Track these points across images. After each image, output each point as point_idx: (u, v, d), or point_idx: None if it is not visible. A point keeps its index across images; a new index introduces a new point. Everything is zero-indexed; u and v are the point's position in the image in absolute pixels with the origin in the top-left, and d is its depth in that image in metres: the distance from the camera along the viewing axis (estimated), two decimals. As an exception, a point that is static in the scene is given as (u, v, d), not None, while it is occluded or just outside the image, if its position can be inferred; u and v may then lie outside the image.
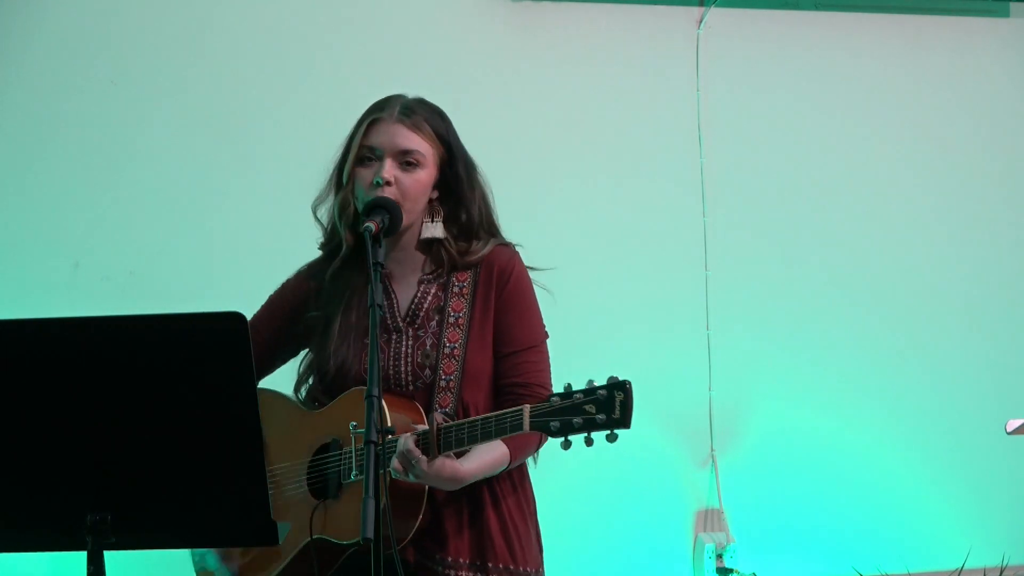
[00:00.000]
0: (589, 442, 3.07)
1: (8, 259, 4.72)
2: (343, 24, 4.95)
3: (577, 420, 3.12)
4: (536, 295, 3.52)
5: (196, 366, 2.85)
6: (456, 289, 3.53)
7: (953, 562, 4.76)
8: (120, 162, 4.79)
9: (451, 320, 3.54)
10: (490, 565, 3.45)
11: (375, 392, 2.92)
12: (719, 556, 4.91)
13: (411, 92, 3.56)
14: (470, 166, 3.51)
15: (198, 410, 2.88)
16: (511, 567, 3.48)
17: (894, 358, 5.20)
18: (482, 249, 3.50)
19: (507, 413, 3.16)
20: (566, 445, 3.11)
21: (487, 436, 3.26)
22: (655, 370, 4.80)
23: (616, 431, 3.05)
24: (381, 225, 3.22)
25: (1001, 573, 4.39)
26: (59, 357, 2.93)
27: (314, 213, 3.60)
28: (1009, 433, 3.75)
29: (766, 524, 5.05)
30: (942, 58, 5.30)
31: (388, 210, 3.28)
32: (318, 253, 3.62)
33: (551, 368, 3.51)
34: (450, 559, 3.30)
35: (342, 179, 3.51)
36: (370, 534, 2.75)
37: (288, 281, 3.65)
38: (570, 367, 3.65)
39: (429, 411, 3.31)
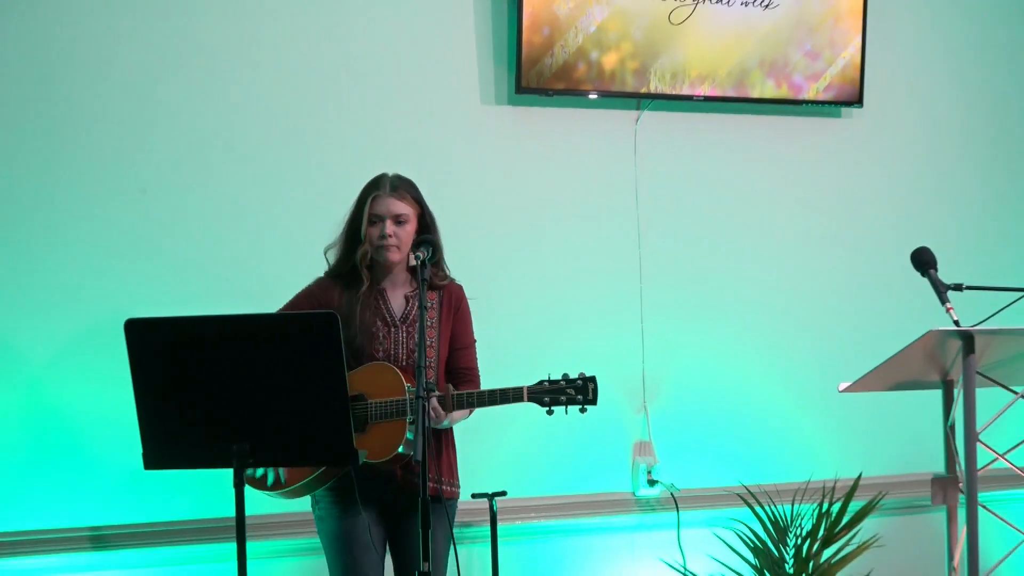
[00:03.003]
0: (551, 412, 3.89)
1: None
2: (364, 104, 5.00)
3: (562, 398, 3.88)
4: (470, 317, 4.17)
5: (306, 346, 3.40)
6: (429, 304, 4.00)
7: (822, 475, 4.85)
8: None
9: (429, 324, 4.00)
10: (443, 477, 4.05)
11: (423, 364, 3.59)
12: (649, 472, 5.22)
13: (413, 167, 4.17)
14: (433, 217, 4.08)
15: (306, 376, 3.40)
16: (448, 478, 4.08)
17: (773, 328, 5.48)
18: (444, 281, 4.09)
19: (510, 389, 3.88)
20: (550, 413, 3.90)
21: (493, 403, 3.92)
22: (608, 350, 5.23)
23: (587, 408, 3.90)
24: (428, 256, 3.82)
25: (856, 483, 4.39)
26: (215, 342, 3.46)
27: (324, 254, 4.13)
28: (841, 391, 4.11)
29: (681, 451, 5.31)
30: (796, 144, 5.57)
31: (432, 245, 3.91)
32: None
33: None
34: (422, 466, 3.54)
35: (358, 235, 4.03)
36: (419, 457, 3.44)
37: (319, 280, 4.14)
38: (551, 353, 4.71)
39: (417, 380, 3.61)
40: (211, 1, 4.85)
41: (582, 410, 3.90)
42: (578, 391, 3.88)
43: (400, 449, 3.87)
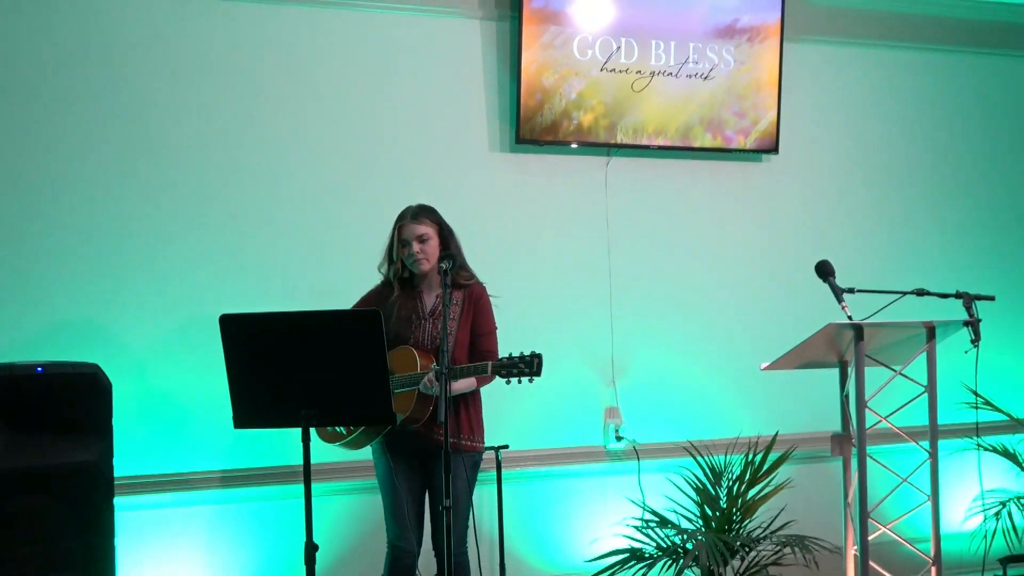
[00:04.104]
0: (508, 382, 3.82)
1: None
2: (402, 150, 4.93)
3: (515, 371, 3.80)
4: (492, 308, 4.10)
5: (357, 335, 3.44)
6: (453, 301, 3.96)
7: (748, 432, 4.79)
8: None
9: (452, 317, 3.96)
10: (461, 434, 4.00)
11: (446, 348, 3.65)
12: (616, 431, 5.19)
13: (437, 198, 4.17)
14: (452, 232, 4.05)
15: (356, 357, 3.45)
16: (467, 435, 4.03)
17: (712, 322, 5.41)
18: (468, 282, 4.04)
19: (480, 364, 3.86)
20: (508, 382, 3.83)
21: (468, 375, 3.88)
22: (585, 339, 5.22)
23: (535, 378, 3.82)
24: (450, 266, 3.83)
25: (774, 439, 4.32)
26: (288, 332, 3.49)
27: (379, 270, 4.14)
28: (762, 369, 4.12)
29: (641, 414, 5.26)
30: (728, 182, 5.50)
31: (452, 258, 3.91)
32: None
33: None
34: (442, 431, 3.62)
35: (392, 256, 4.05)
36: (442, 418, 3.52)
37: (379, 286, 4.15)
38: (542, 339, 4.38)
39: (439, 360, 3.67)
40: (291, 77, 4.84)
41: (530, 380, 3.83)
42: (527, 366, 3.81)
43: (409, 412, 3.87)
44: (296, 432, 3.52)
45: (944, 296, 4.22)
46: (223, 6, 4.68)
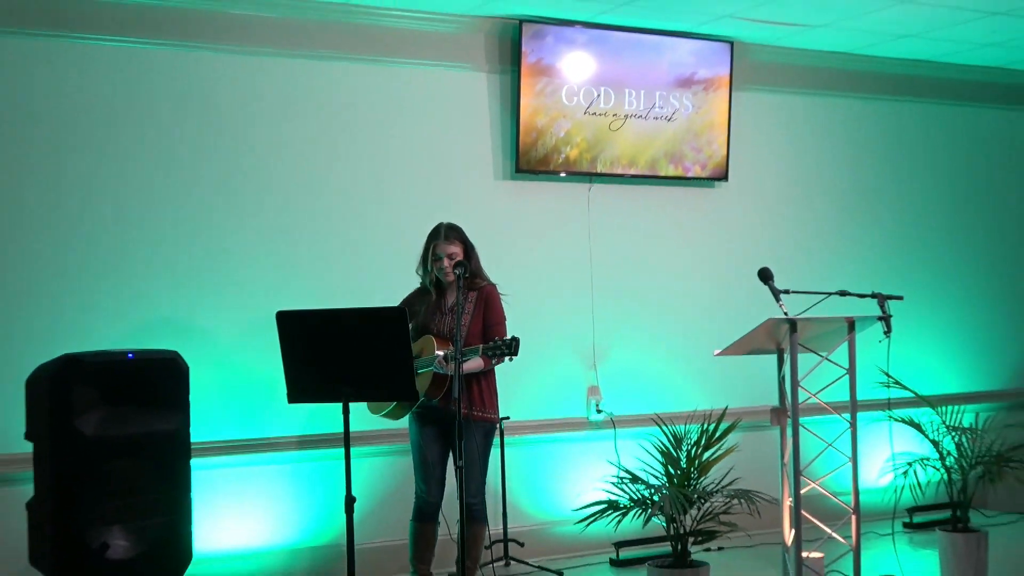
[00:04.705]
0: (498, 361, 3.87)
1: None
2: (425, 178, 4.92)
3: (499, 352, 3.74)
4: (502, 303, 4.09)
5: (386, 327, 3.44)
6: (468, 300, 3.97)
7: (704, 406, 4.46)
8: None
9: (466, 312, 3.97)
10: (474, 407, 3.97)
11: (459, 336, 3.69)
12: (597, 405, 5.19)
13: (453, 216, 4.18)
14: (473, 247, 4.06)
15: (387, 345, 3.43)
16: (479, 408, 4.00)
17: (675, 318, 5.39)
18: (482, 284, 4.03)
19: (476, 347, 3.80)
20: (499, 361, 3.87)
21: (467, 357, 3.77)
22: (571, 332, 5.19)
23: (513, 358, 3.78)
24: (463, 272, 3.84)
25: (724, 412, 4.03)
26: (333, 324, 3.50)
27: (416, 272, 4.13)
28: (715, 355, 4.10)
29: (617, 392, 5.26)
30: (687, 204, 5.49)
31: (468, 267, 3.93)
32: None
33: (522, 322, 4.16)
34: (457, 400, 3.59)
35: (428, 266, 4.04)
36: (456, 395, 3.54)
37: (418, 289, 4.15)
38: (538, 333, 4.58)
39: (455, 345, 3.68)
40: (339, 120, 4.82)
41: (510, 359, 3.81)
42: (507, 347, 3.78)
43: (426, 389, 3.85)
44: (337, 406, 3.53)
45: (862, 296, 4.21)
46: (289, 63, 4.68)
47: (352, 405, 3.58)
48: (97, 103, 4.32)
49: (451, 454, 4.06)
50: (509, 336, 3.78)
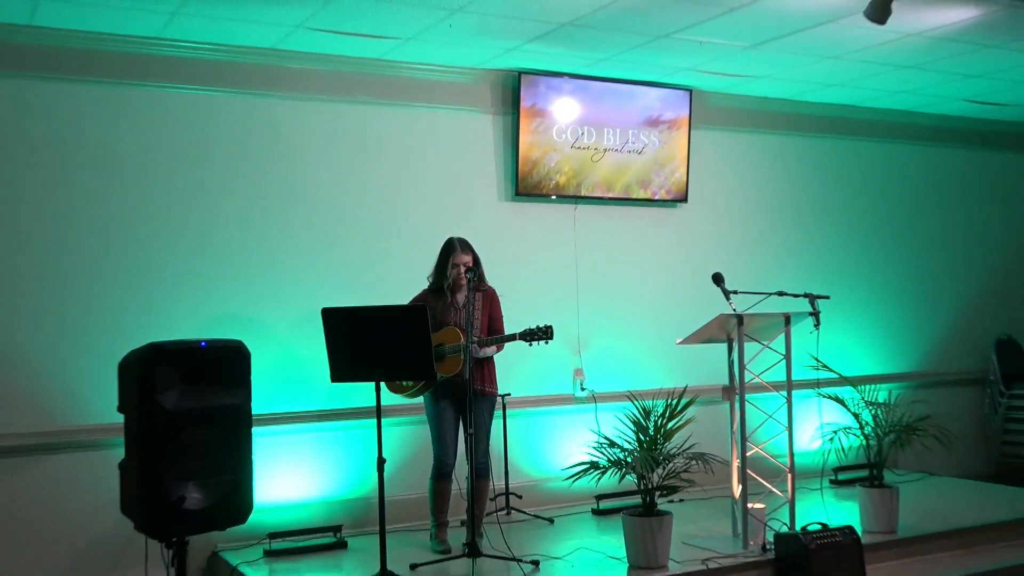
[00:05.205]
0: (531, 345, 3.80)
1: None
2: (440, 199, 4.83)
3: (536, 335, 3.79)
4: (501, 304, 4.06)
5: (411, 322, 3.45)
6: (475, 299, 3.92)
7: (669, 385, 4.30)
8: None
9: (475, 308, 3.94)
10: (485, 383, 3.96)
11: (471, 329, 3.78)
12: (581, 384, 5.13)
13: (464, 231, 4.17)
14: (478, 257, 4.02)
15: (411, 336, 3.37)
16: (489, 384, 4.00)
17: (647, 314, 5.31)
18: (485, 287, 3.99)
19: (513, 334, 3.81)
20: (530, 344, 3.83)
21: (504, 341, 3.87)
22: (561, 325, 4.55)
23: (550, 342, 3.84)
24: (473, 276, 3.86)
25: (684, 390, 3.86)
26: (367, 319, 3.51)
27: (427, 278, 4.06)
28: (678, 344, 4.10)
29: (598, 374, 5.17)
30: (653, 221, 5.42)
31: (476, 272, 3.92)
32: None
33: (514, 319, 4.07)
34: (468, 379, 3.66)
35: (444, 273, 3.95)
36: (467, 376, 3.66)
37: (426, 289, 4.05)
38: (533, 324, 4.16)
39: (467, 335, 3.70)
40: (369, 152, 4.78)
41: (546, 343, 3.81)
42: (544, 333, 3.82)
43: (459, 368, 3.83)
44: (371, 384, 3.53)
45: (796, 296, 4.18)
46: (333, 107, 4.65)
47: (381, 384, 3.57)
48: (173, 143, 4.32)
49: (462, 424, 4.02)
50: (544, 324, 3.80)
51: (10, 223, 3.98)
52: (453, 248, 3.99)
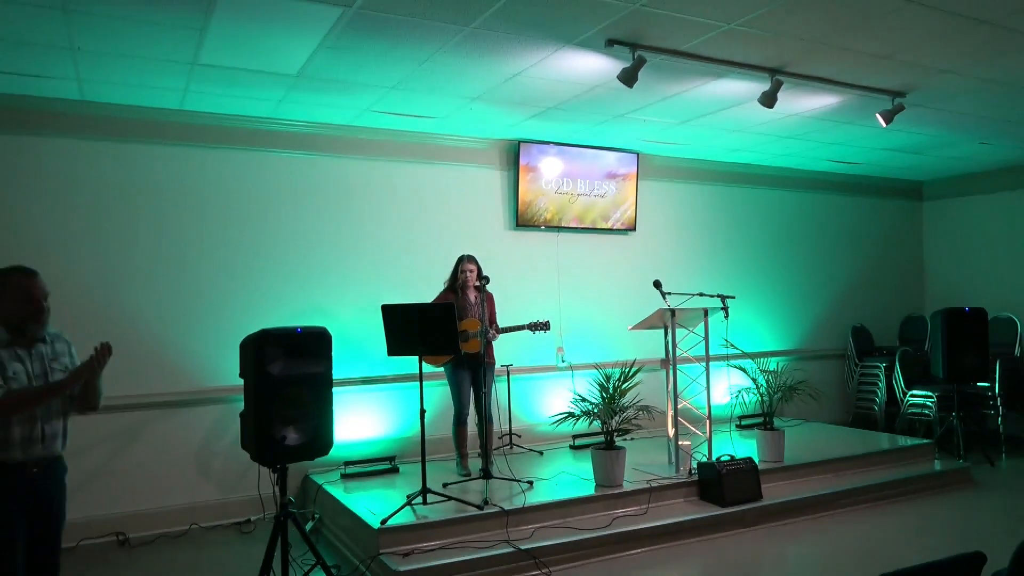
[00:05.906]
0: (534, 332, 3.80)
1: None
2: (457, 229, 4.66)
3: (538, 326, 3.78)
4: (496, 303, 3.92)
5: (442, 315, 3.28)
6: (480, 298, 3.76)
7: (625, 357, 4.25)
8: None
9: (482, 304, 3.76)
10: (492, 356, 3.84)
11: (484, 320, 3.69)
12: (562, 358, 4.98)
13: (473, 252, 4.11)
14: (480, 267, 3.88)
15: (442, 324, 3.22)
16: (491, 358, 3.84)
17: (610, 311, 5.10)
18: (486, 288, 3.77)
19: (519, 325, 3.75)
20: (533, 332, 3.78)
21: (515, 329, 3.77)
22: (548, 315, 4.83)
23: (547, 331, 3.83)
24: (486, 281, 3.71)
25: (634, 362, 3.68)
26: (416, 313, 3.39)
27: (444, 283, 3.93)
28: (629, 330, 3.98)
29: (575, 350, 5.07)
30: (611, 246, 5.22)
31: (486, 280, 3.70)
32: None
33: (516, 314, 4.13)
34: (483, 354, 3.60)
35: (458, 278, 3.82)
36: (482, 352, 3.53)
37: (445, 290, 3.87)
38: (530, 314, 4.41)
39: (482, 325, 3.57)
40: (401, 198, 4.64)
41: (545, 331, 3.80)
42: (544, 325, 3.81)
43: (478, 348, 3.74)
44: (414, 358, 3.45)
45: (712, 296, 4.12)
46: (377, 165, 4.51)
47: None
48: (281, 193, 4.26)
49: (473, 387, 3.93)
50: (544, 319, 3.86)
51: (180, 250, 4.03)
52: (463, 260, 3.93)
